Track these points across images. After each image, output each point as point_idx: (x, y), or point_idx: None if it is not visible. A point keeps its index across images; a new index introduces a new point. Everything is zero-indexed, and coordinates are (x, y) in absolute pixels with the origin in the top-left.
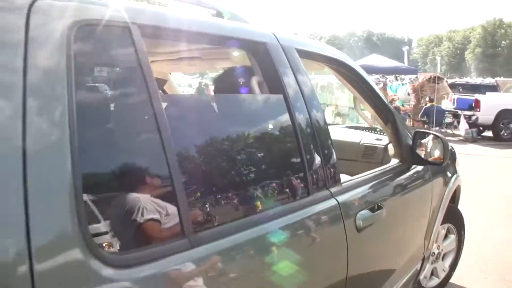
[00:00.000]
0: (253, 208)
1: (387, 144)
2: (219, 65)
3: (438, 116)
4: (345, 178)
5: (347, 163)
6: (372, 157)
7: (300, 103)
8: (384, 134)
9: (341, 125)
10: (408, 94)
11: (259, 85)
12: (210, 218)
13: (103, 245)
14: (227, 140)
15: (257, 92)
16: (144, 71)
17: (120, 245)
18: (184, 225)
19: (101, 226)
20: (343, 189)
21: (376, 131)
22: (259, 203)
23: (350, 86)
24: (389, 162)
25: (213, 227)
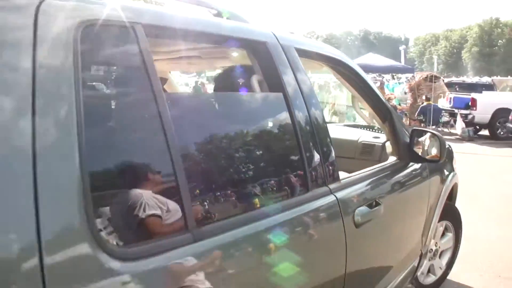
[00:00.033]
0: (254, 204)
1: (384, 142)
2: (219, 64)
3: (434, 115)
4: (343, 175)
5: (345, 161)
6: (370, 154)
7: (300, 101)
8: (382, 132)
9: (339, 124)
10: (405, 93)
11: (259, 84)
12: (212, 213)
13: (109, 239)
14: (229, 138)
15: (257, 91)
16: (148, 70)
17: (126, 239)
18: (187, 220)
19: (107, 221)
20: (342, 185)
21: (374, 129)
22: (260, 199)
23: (349, 85)
24: (387, 159)
25: (215, 222)
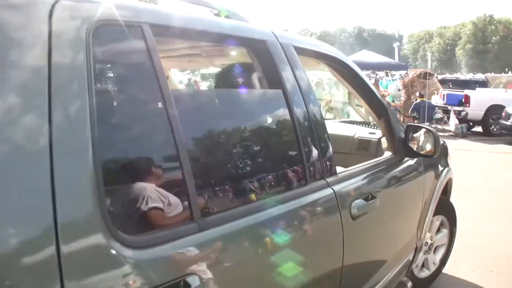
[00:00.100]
0: (255, 196)
1: (380, 138)
2: (220, 62)
3: (428, 111)
4: (340, 170)
5: (342, 156)
6: (366, 150)
7: (298, 98)
8: (378, 128)
9: (336, 120)
10: (399, 90)
11: (260, 81)
12: (216, 204)
13: (121, 229)
14: (231, 133)
15: (257, 88)
16: (155, 68)
17: (136, 229)
18: (193, 211)
19: (118, 212)
20: (339, 179)
21: (369, 125)
22: (261, 191)
23: (345, 82)
24: (383, 154)
25: (219, 213)
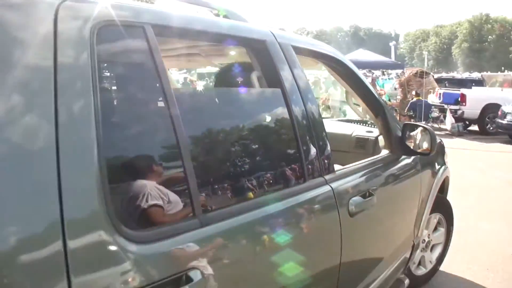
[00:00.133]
0: (255, 193)
1: (377, 136)
2: (220, 61)
3: (424, 110)
4: (338, 168)
5: (340, 154)
6: (364, 148)
7: (297, 97)
8: (375, 127)
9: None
10: (395, 88)
11: (259, 80)
12: (217, 201)
13: (125, 224)
14: (231, 131)
15: (256, 87)
16: (157, 67)
17: (140, 224)
18: (194, 207)
19: (122, 208)
20: (337, 176)
21: (367, 124)
22: (261, 188)
23: (343, 81)
24: (380, 153)
25: (220, 209)
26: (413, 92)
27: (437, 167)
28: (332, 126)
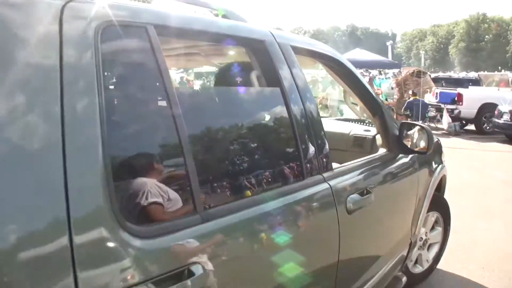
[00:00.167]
0: (255, 190)
1: (375, 135)
2: (220, 61)
3: (421, 110)
4: (336, 166)
5: (337, 153)
6: (361, 147)
7: (296, 96)
8: (373, 126)
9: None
10: (392, 88)
11: (258, 80)
12: (218, 198)
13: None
14: (232, 130)
15: (256, 86)
16: (159, 66)
17: (143, 219)
18: (196, 203)
19: (126, 204)
20: (335, 174)
21: (364, 123)
22: (260, 185)
23: (340, 81)
24: (377, 151)
25: (220, 206)
26: (410, 92)
27: (434, 166)
28: (330, 125)
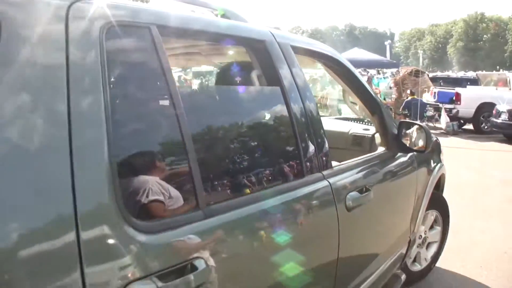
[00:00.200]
0: (256, 187)
1: (374, 134)
2: (221, 60)
3: (419, 109)
4: (335, 164)
5: (337, 151)
6: (360, 145)
7: (295, 95)
8: (371, 125)
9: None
10: (390, 87)
11: (259, 79)
12: (220, 195)
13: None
14: (234, 128)
15: (257, 85)
16: (162, 66)
17: (147, 216)
18: (198, 200)
19: (130, 200)
20: (334, 172)
21: (363, 122)
22: (261, 182)
23: (340, 80)
24: (376, 150)
25: (222, 202)
26: (408, 91)
27: (433, 164)
28: (329, 124)
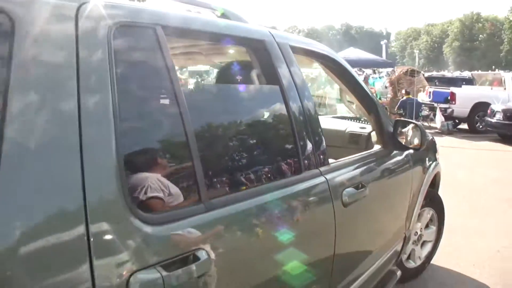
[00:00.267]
0: (255, 182)
1: (370, 132)
2: (221, 60)
3: (414, 108)
4: (332, 161)
5: (334, 149)
6: (357, 143)
7: (294, 94)
8: (368, 123)
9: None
10: (385, 87)
11: (258, 78)
12: (221, 189)
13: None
14: (234, 126)
15: (256, 84)
16: (167, 65)
17: (152, 208)
18: (200, 194)
19: (136, 194)
20: (331, 168)
21: (360, 121)
22: (260, 177)
23: (337, 79)
24: (372, 148)
25: (223, 196)
26: (403, 91)
27: (428, 163)
28: (326, 122)
